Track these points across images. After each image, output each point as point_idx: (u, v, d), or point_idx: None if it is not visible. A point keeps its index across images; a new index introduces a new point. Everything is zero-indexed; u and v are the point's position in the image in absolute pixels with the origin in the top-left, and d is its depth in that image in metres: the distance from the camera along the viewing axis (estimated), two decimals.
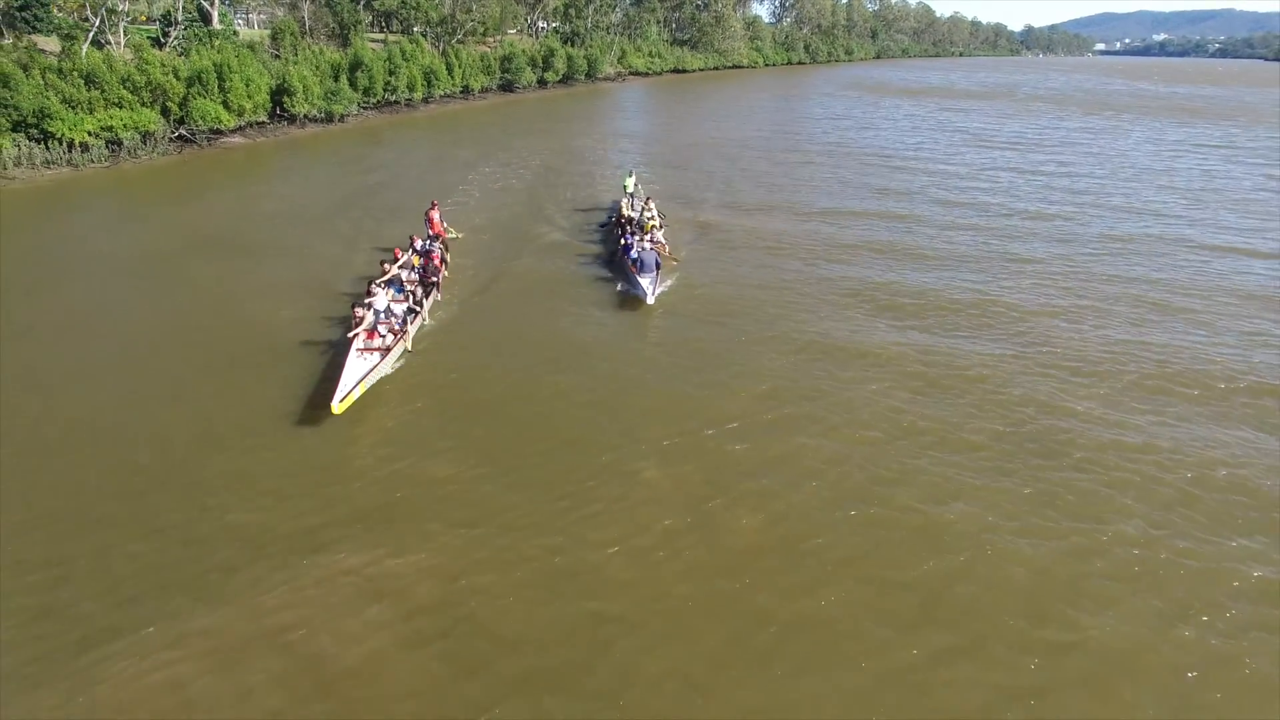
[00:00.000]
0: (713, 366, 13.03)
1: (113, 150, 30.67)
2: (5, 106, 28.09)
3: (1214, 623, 7.62)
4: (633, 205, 21.73)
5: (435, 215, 19.48)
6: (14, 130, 28.42)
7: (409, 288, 15.10)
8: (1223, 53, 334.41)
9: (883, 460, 10.29)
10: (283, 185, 28.47)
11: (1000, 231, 22.09)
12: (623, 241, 18.23)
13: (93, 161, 29.65)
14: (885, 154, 37.02)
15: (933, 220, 23.29)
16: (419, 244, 17.36)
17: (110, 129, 30.59)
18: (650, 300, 15.70)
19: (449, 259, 18.15)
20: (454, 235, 20.55)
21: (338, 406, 10.92)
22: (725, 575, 8.25)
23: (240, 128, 36.54)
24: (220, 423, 11.13)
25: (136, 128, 31.43)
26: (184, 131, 33.87)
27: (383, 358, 12.45)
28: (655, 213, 20.50)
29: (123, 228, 22.65)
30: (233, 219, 22.99)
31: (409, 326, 13.79)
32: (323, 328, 14.55)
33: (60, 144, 28.94)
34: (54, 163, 28.58)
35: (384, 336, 13.09)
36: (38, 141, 28.70)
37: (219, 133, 35.35)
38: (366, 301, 13.65)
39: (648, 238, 18.12)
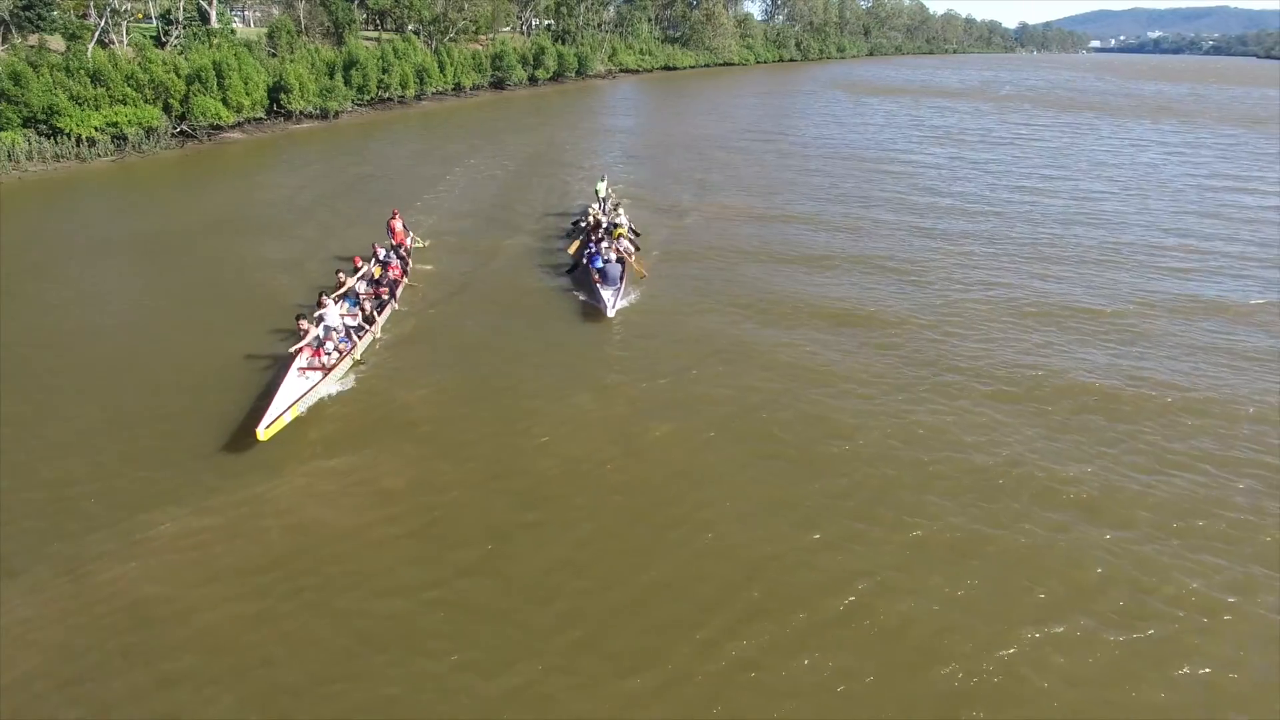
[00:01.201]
0: (660, 371, 13.46)
1: (118, 145, 32.40)
2: (16, 103, 29.86)
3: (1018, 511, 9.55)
4: (603, 209, 21.66)
5: (397, 223, 18.65)
6: (25, 125, 30.19)
7: (364, 300, 14.59)
8: (1216, 50, 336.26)
9: (778, 404, 12.22)
10: (279, 178, 30.22)
11: (934, 232, 23.03)
12: (588, 249, 17.95)
13: (100, 155, 31.41)
14: (852, 151, 38.81)
15: (879, 221, 24.17)
16: (381, 253, 17.09)
17: (115, 124, 32.34)
18: (610, 313, 15.48)
19: (411, 268, 17.79)
20: (420, 244, 19.96)
21: (263, 433, 10.40)
22: (642, 486, 10.22)
23: (239, 124, 38.30)
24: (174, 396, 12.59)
25: (140, 123, 33.17)
26: (185, 127, 35.62)
27: (325, 376, 12.00)
28: (624, 219, 20.50)
29: (123, 217, 24.27)
30: (225, 211, 24.70)
31: (359, 342, 13.32)
32: (280, 334, 14.45)
33: (69, 139, 30.72)
34: (63, 156, 30.36)
35: (330, 354, 12.55)
36: (47, 136, 30.45)
37: (219, 128, 37.10)
38: (315, 315, 13.04)
39: (615, 246, 17.93)
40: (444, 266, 19.35)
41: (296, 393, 11.42)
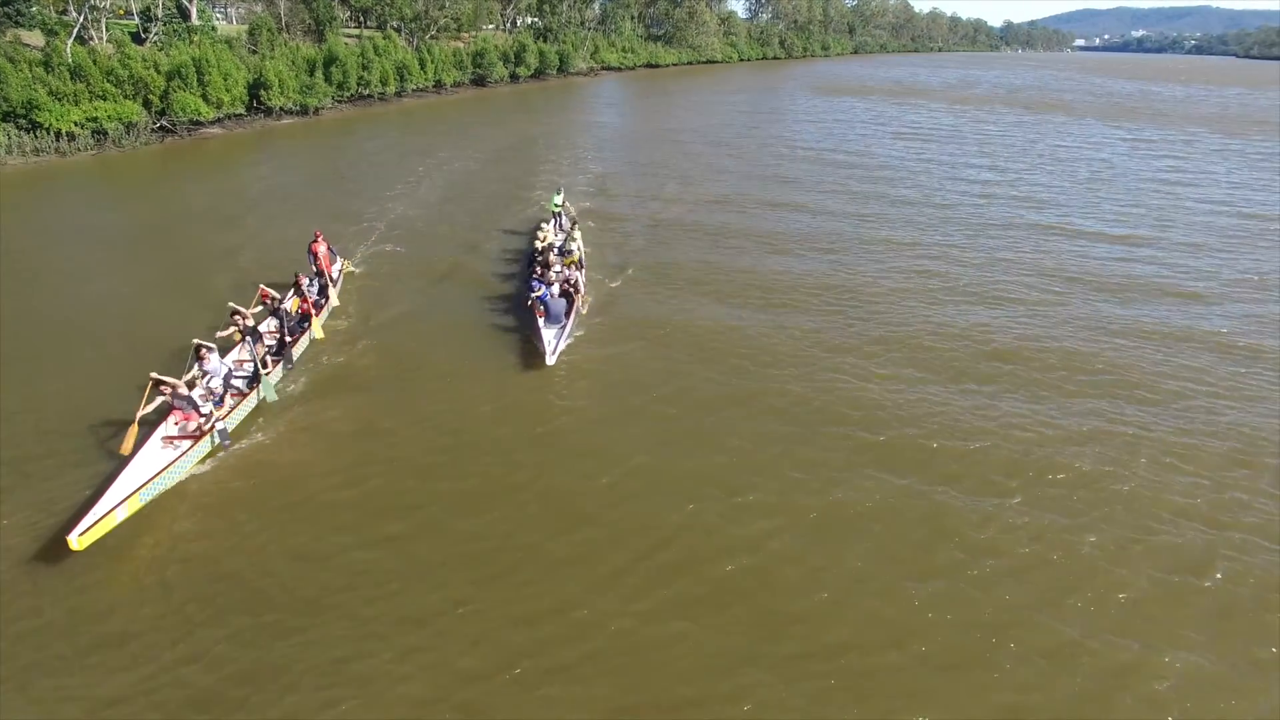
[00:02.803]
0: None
1: (98, 140, 32.95)
2: None
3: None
4: (558, 227, 20.25)
5: (321, 247, 16.33)
6: (4, 120, 30.70)
7: (260, 346, 12.29)
8: (1198, 49, 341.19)
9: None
10: (256, 172, 30.91)
11: (885, 243, 22.07)
12: (533, 276, 15.83)
13: (79, 150, 31.97)
14: (816, 152, 39.53)
15: (832, 232, 23.22)
16: (305, 283, 14.90)
17: (95, 120, 32.88)
18: (551, 359, 13.25)
19: (332, 302, 15.62)
20: (350, 269, 18.06)
21: (76, 541, 7.95)
22: (563, 433, 11.20)
23: (218, 119, 38.89)
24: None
25: (120, 119, 33.72)
26: (165, 123, 36.20)
27: (194, 445, 9.80)
28: (579, 243, 18.54)
29: (98, 211, 24.85)
30: (192, 207, 25.33)
31: (243, 401, 11.04)
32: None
33: (48, 133, 31.27)
34: (43, 150, 30.92)
35: (204, 417, 10.31)
36: (27, 131, 30.99)
37: (198, 124, 37.68)
38: (198, 370, 10.91)
39: (564, 273, 15.90)
40: (370, 298, 17.13)
41: (142, 477, 9.02)
